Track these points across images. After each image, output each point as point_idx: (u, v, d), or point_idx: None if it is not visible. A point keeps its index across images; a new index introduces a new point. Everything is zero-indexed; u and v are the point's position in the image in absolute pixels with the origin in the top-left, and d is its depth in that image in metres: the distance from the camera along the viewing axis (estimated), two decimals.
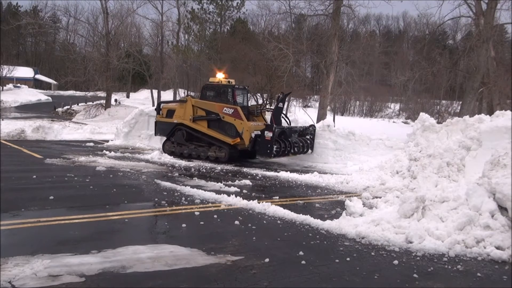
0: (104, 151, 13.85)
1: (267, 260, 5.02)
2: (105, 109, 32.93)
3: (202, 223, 6.50)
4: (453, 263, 5.25)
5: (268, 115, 14.45)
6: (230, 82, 14.20)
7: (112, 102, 35.39)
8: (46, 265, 4.52)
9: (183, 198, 8.00)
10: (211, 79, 14.62)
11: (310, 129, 14.33)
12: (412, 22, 65.79)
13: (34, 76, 71.48)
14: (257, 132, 12.79)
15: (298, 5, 52.75)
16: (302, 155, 14.18)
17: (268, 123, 13.37)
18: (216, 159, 13.39)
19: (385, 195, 8.64)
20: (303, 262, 5.02)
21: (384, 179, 10.20)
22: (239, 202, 7.81)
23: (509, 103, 19.50)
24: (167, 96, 39.65)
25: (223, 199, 7.98)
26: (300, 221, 6.75)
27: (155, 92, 39.11)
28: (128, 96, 52.81)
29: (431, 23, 28.50)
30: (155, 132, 15.24)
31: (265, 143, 12.49)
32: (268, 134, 12.41)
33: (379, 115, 50.60)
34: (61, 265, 4.56)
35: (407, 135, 11.77)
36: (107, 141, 17.31)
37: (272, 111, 13.99)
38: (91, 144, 16.32)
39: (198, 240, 5.65)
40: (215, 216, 6.89)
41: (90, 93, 37.23)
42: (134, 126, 17.30)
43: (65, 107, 39.49)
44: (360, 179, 10.62)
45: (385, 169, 10.85)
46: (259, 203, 7.62)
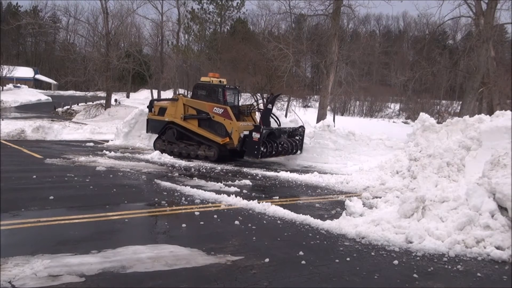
0: (104, 151, 13.85)
1: (267, 260, 5.02)
2: (105, 109, 32.90)
3: (202, 223, 6.50)
4: (453, 263, 5.25)
5: (259, 115, 14.58)
6: (221, 82, 14.30)
7: (112, 102, 35.35)
8: (46, 265, 4.52)
9: (183, 198, 8.00)
10: (203, 79, 14.77)
11: (299, 130, 14.41)
12: (412, 22, 65.96)
13: (34, 76, 71.48)
14: (246, 132, 12.91)
15: (298, 5, 52.72)
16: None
17: (257, 124, 13.48)
18: (206, 158, 13.49)
19: (385, 195, 8.64)
20: (303, 262, 5.02)
21: (384, 179, 10.20)
22: (239, 202, 7.81)
23: (509, 103, 19.51)
24: (167, 96, 39.60)
25: (223, 199, 7.98)
26: (300, 221, 6.75)
27: (155, 92, 39.09)
28: (128, 96, 52.76)
29: (431, 23, 28.55)
30: (147, 130, 15.45)
31: (253, 144, 12.63)
32: (256, 135, 12.56)
33: (379, 115, 50.65)
34: (61, 265, 4.56)
35: (407, 135, 11.77)
36: (107, 141, 17.30)
37: (261, 112, 14.15)
38: (91, 144, 16.32)
39: (198, 240, 5.65)
40: (215, 216, 6.89)
41: (90, 93, 37.22)
42: (134, 126, 17.29)
43: (65, 107, 39.46)
44: (360, 179, 10.62)
45: (385, 169, 10.85)
46: (259, 203, 7.62)
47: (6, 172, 9.67)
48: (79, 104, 38.87)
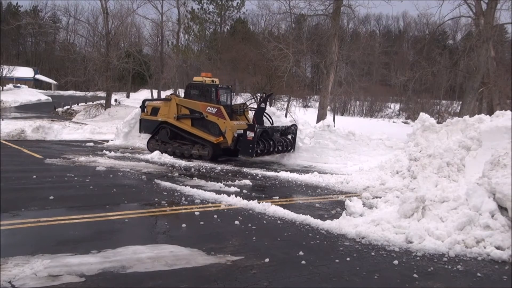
0: (104, 151, 13.85)
1: (267, 260, 5.02)
2: (105, 109, 32.86)
3: (202, 223, 6.50)
4: (453, 263, 5.25)
5: (251, 114, 14.66)
6: (214, 82, 14.35)
7: (112, 102, 35.31)
8: (46, 265, 4.52)
9: (183, 198, 8.00)
10: (195, 78, 14.80)
11: (292, 128, 14.46)
12: (412, 22, 65.94)
13: (34, 76, 71.41)
14: (240, 131, 12.93)
15: (298, 5, 52.39)
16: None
17: (251, 123, 13.51)
18: (200, 157, 13.50)
19: (385, 195, 8.64)
20: (303, 262, 5.02)
21: (384, 179, 10.20)
22: (239, 202, 7.81)
23: (509, 103, 19.49)
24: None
25: (223, 199, 7.98)
26: (300, 221, 6.75)
27: (155, 92, 39.07)
28: (128, 96, 52.73)
29: (431, 23, 28.49)
30: (140, 130, 15.45)
31: (247, 143, 12.66)
32: (250, 134, 12.58)
33: (379, 115, 50.67)
34: (61, 265, 4.56)
35: (407, 135, 11.76)
36: (107, 141, 17.30)
37: (255, 111, 14.20)
38: (91, 144, 16.32)
39: (198, 240, 5.65)
40: (215, 216, 6.89)
41: (90, 93, 37.16)
42: (134, 126, 17.26)
43: (65, 107, 39.42)
44: (360, 179, 10.61)
45: (385, 169, 10.85)
46: (259, 203, 7.62)
47: (6, 172, 9.67)
48: (79, 104, 38.84)
